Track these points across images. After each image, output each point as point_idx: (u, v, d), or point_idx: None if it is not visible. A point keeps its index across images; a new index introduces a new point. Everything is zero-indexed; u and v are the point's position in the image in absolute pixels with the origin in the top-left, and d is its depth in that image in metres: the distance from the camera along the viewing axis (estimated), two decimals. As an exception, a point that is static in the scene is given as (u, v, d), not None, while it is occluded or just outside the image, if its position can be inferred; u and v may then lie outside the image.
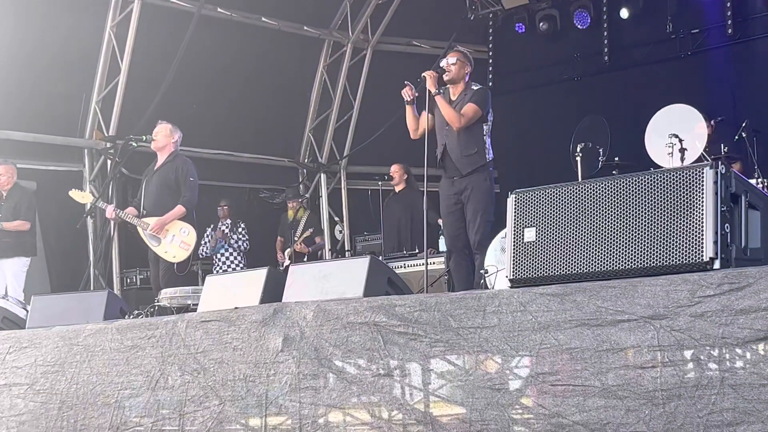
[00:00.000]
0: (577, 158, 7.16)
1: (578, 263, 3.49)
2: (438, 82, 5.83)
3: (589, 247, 3.47)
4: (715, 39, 9.95)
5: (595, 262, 3.45)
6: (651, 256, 3.31)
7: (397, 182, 9.15)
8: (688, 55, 10.13)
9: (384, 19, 11.97)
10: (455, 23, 11.34)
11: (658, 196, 3.35)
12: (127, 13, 9.96)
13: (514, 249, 3.68)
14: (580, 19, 10.79)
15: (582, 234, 3.51)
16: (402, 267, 7.76)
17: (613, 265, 3.40)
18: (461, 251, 5.95)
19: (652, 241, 3.32)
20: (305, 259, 9.85)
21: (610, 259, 3.41)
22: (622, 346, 3.11)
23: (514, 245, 3.68)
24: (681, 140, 6.70)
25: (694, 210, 3.25)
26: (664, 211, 3.32)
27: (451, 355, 3.54)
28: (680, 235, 3.26)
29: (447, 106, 5.82)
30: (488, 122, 5.93)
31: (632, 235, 3.38)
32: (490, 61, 11.62)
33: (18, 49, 9.39)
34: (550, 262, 3.56)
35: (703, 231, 3.21)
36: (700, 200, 3.24)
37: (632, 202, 3.41)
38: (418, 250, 8.35)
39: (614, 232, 3.42)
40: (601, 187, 3.50)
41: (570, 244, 3.53)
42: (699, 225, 3.22)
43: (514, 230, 3.70)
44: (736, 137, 7.46)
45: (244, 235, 10.31)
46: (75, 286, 9.06)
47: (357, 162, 12.54)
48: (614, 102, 10.32)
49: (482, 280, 5.78)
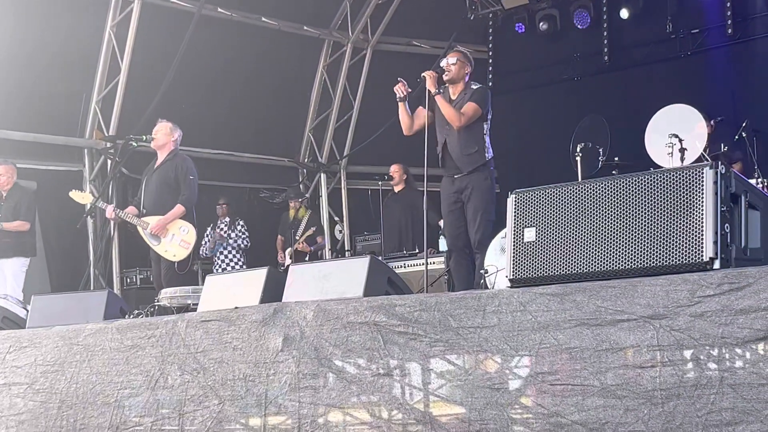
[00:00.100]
0: (577, 158, 7.17)
1: (578, 263, 3.49)
2: (438, 82, 5.84)
3: (589, 247, 3.47)
4: (715, 39, 9.95)
5: (595, 262, 3.45)
6: (651, 256, 3.31)
7: (397, 182, 9.16)
8: (688, 55, 10.14)
9: (384, 19, 11.97)
10: (455, 23, 11.34)
11: (658, 196, 3.34)
12: (127, 13, 9.96)
13: (514, 249, 3.68)
14: (580, 19, 10.79)
15: (582, 234, 3.50)
16: (402, 267, 7.75)
17: (613, 265, 3.40)
18: (461, 250, 5.94)
19: (652, 241, 3.32)
20: (307, 258, 9.85)
21: (610, 259, 3.41)
22: (622, 346, 3.11)
23: (514, 245, 3.68)
24: (681, 140, 6.70)
25: (694, 210, 3.25)
26: (664, 211, 3.32)
27: (451, 354, 3.54)
28: (680, 235, 3.26)
29: (447, 105, 5.83)
30: (488, 121, 5.94)
31: (632, 235, 3.38)
32: (490, 61, 11.62)
33: (18, 49, 9.38)
34: (549, 262, 3.56)
35: (703, 231, 3.21)
36: (700, 200, 3.24)
37: (632, 202, 3.41)
38: (418, 250, 8.36)
39: (614, 232, 3.42)
40: (601, 187, 3.50)
41: (570, 244, 3.53)
42: (699, 225, 3.22)
43: (514, 230, 3.70)
44: (736, 137, 7.47)
45: (244, 232, 10.26)
46: (75, 286, 9.06)
47: (357, 162, 12.54)
48: (614, 102, 10.31)
49: (482, 280, 5.78)
